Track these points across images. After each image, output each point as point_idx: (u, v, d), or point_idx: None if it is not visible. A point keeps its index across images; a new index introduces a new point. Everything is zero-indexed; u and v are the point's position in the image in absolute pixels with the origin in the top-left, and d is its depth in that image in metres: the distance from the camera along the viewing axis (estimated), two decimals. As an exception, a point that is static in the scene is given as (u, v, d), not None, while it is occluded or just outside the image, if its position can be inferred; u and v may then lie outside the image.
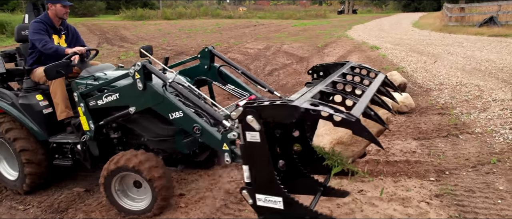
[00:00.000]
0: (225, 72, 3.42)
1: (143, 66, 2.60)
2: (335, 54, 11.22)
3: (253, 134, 1.87)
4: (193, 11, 31.12)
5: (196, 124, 2.49)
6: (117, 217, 3.01)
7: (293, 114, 1.76)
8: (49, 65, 3.06)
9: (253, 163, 1.96)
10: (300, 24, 24.22)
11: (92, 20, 28.07)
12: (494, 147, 3.94)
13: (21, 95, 3.50)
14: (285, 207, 1.93)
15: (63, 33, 3.76)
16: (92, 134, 3.08)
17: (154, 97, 2.66)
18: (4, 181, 3.70)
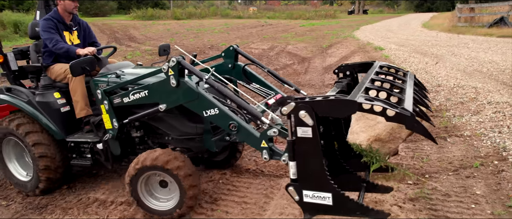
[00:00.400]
0: (249, 71, 3.38)
1: (178, 62, 2.51)
2: (338, 55, 11.15)
3: (305, 129, 1.86)
4: (202, 11, 31.31)
5: (233, 121, 2.43)
6: (95, 216, 3.06)
7: (350, 109, 1.77)
8: (75, 61, 2.98)
9: (302, 159, 1.93)
10: (308, 25, 24.13)
11: (103, 20, 28.54)
12: (480, 150, 3.86)
13: (38, 93, 3.38)
14: (334, 203, 1.92)
15: (75, 29, 3.68)
16: (115, 132, 3.02)
17: (188, 94, 2.58)
18: (15, 182, 3.55)
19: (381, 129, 2.33)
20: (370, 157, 2.36)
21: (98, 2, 32.66)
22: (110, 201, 3.26)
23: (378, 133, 2.42)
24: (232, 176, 3.63)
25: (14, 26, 19.54)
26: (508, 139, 4.02)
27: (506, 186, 3.08)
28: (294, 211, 2.89)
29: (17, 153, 3.61)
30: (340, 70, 3.06)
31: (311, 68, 9.44)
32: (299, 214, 2.83)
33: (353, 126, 2.54)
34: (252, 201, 3.12)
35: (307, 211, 2.01)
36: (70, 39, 3.61)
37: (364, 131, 2.66)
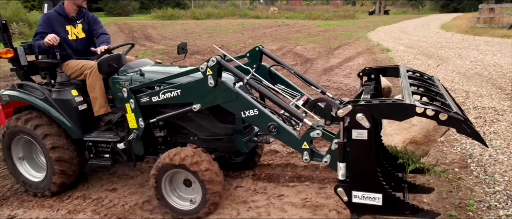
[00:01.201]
0: (274, 72, 3.34)
1: (218, 62, 2.46)
2: (342, 56, 11.00)
3: (360, 131, 1.92)
4: (221, 11, 31.59)
5: (273, 122, 2.41)
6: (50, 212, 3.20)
7: (408, 113, 1.82)
8: (103, 58, 2.91)
9: (355, 160, 2.00)
10: (324, 25, 23.87)
11: (125, 19, 29.37)
12: (447, 157, 3.74)
13: (55, 90, 3.23)
14: (384, 203, 1.97)
15: (79, 22, 3.53)
16: (141, 132, 2.95)
17: (226, 94, 2.53)
18: (25, 182, 3.44)
19: (417, 131, 2.39)
20: (406, 158, 2.47)
21: (121, 2, 33.61)
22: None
23: (414, 135, 2.49)
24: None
25: (36, 24, 20.33)
26: (478, 146, 3.87)
27: (455, 194, 2.98)
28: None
29: (27, 152, 3.51)
30: (364, 74, 3.06)
31: (311, 69, 9.37)
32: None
33: (386, 129, 2.58)
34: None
35: (355, 211, 2.08)
36: (74, 32, 3.49)
37: (399, 133, 2.71)
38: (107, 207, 3.16)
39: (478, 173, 3.30)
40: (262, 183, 3.39)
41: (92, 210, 3.12)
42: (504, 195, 2.88)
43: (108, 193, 3.40)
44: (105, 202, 3.25)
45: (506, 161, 3.46)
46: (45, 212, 3.14)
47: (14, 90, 3.31)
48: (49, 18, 3.38)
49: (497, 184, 3.06)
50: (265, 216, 2.84)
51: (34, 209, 3.22)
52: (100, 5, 35.20)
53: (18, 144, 3.43)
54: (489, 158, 3.56)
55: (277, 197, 3.11)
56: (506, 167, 3.34)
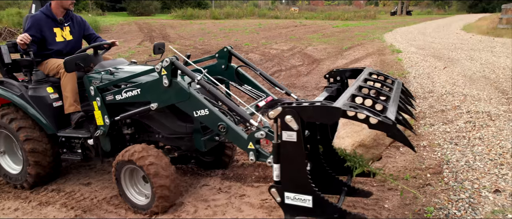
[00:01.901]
0: (242, 73, 3.39)
1: (172, 62, 2.54)
2: (351, 58, 10.82)
3: (290, 133, 1.92)
4: (240, 11, 31.73)
5: (222, 122, 2.45)
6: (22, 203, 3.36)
7: (334, 116, 1.84)
8: (69, 57, 2.98)
9: (286, 162, 2.01)
10: (342, 25, 23.52)
11: (146, 19, 29.99)
12: (424, 162, 3.63)
13: (31, 87, 3.36)
14: (314, 206, 1.99)
15: (67, 24, 3.63)
16: (107, 129, 3.06)
17: (180, 94, 2.61)
18: (6, 175, 3.61)
19: (366, 135, 2.40)
20: (354, 161, 2.47)
21: (143, 2, 34.38)
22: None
23: (362, 138, 2.49)
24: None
25: None
26: (458, 152, 3.74)
27: (420, 201, 2.90)
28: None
29: (7, 145, 3.67)
30: (330, 75, 3.11)
31: (316, 70, 9.27)
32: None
33: (340, 131, 2.61)
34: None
35: (288, 212, 2.09)
36: (61, 35, 3.61)
37: (350, 136, 2.72)
38: (77, 200, 3.28)
39: (449, 180, 3.18)
40: (229, 182, 3.41)
41: (61, 203, 3.24)
42: (466, 203, 2.78)
43: (82, 187, 3.52)
44: (76, 195, 3.37)
45: (482, 168, 3.32)
46: (18, 203, 3.29)
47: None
48: (37, 20, 3.47)
49: (464, 191, 2.95)
50: (220, 215, 2.86)
51: (10, 200, 3.38)
52: (123, 5, 36.16)
53: (3, 140, 3.59)
54: (464, 165, 3.43)
55: (239, 197, 3.12)
56: (480, 174, 3.21)
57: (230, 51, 3.39)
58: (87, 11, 30.45)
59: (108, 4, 38.20)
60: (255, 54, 12.48)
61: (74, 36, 3.71)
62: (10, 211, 3.18)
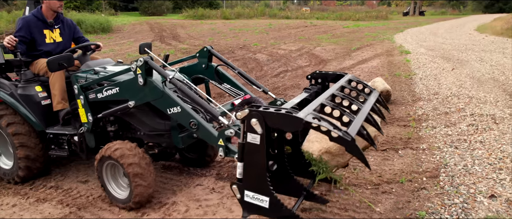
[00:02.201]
0: (221, 72, 3.50)
1: (145, 62, 2.65)
2: (359, 58, 10.72)
3: (254, 136, 1.99)
4: (251, 11, 31.74)
5: (193, 119, 2.54)
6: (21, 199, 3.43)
7: (296, 125, 1.88)
8: (52, 57, 3.08)
9: (248, 162, 2.07)
10: (353, 26, 23.31)
11: (157, 19, 30.28)
12: (421, 166, 3.57)
13: (20, 86, 3.49)
14: (270, 207, 2.06)
15: (57, 27, 3.76)
16: (90, 126, 3.17)
17: (154, 93, 2.71)
18: (0, 171, 3.72)
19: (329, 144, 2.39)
20: (318, 166, 2.51)
21: (155, 2, 34.72)
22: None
23: (329, 146, 2.54)
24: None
25: (77, 25, 21.39)
26: (458, 155, 3.66)
27: (413, 205, 2.86)
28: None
29: (1, 143, 3.76)
30: (313, 77, 3.18)
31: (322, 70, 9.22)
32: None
33: (311, 134, 2.64)
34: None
35: (245, 209, 2.16)
36: (51, 37, 3.72)
37: (318, 141, 2.74)
38: (73, 198, 3.33)
39: (445, 184, 3.13)
40: (222, 183, 3.42)
41: (58, 200, 3.30)
42: (460, 208, 2.72)
43: (79, 185, 3.58)
44: (73, 193, 3.43)
45: (479, 172, 3.25)
46: (16, 199, 3.37)
47: None
48: (28, 22, 3.59)
49: (458, 196, 2.89)
50: (210, 215, 2.87)
51: (9, 196, 3.45)
52: (136, 5, 36.60)
53: None
54: (462, 169, 3.36)
55: (231, 197, 3.13)
56: (476, 179, 3.14)
57: (210, 51, 3.49)
58: (101, 11, 30.90)
59: (121, 4, 38.71)
60: (262, 55, 12.48)
61: (64, 38, 3.81)
62: (8, 207, 3.25)
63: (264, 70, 9.70)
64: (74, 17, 22.47)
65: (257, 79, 8.64)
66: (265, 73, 9.41)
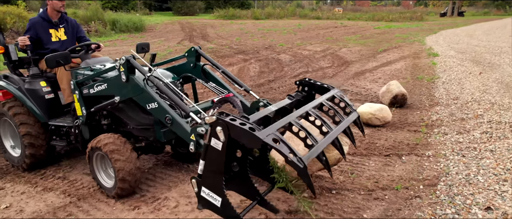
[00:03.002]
0: (208, 71, 3.64)
1: (127, 60, 2.84)
2: (383, 60, 10.42)
3: (217, 142, 2.10)
4: (281, 11, 31.67)
5: (168, 114, 2.70)
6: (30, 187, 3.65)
7: (255, 143, 2.00)
8: (50, 55, 3.30)
9: (208, 163, 2.20)
10: (384, 27, 22.65)
11: (189, 18, 30.95)
12: (422, 173, 3.44)
13: (27, 81, 3.81)
14: (221, 207, 2.20)
15: (62, 26, 4.06)
16: (84, 119, 3.39)
17: (135, 89, 2.89)
18: (10, 157, 4.05)
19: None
20: (279, 175, 2.59)
21: (188, 2, 35.50)
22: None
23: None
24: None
25: (112, 24, 22.29)
26: (463, 164, 3.49)
27: (402, 213, 2.76)
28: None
29: (12, 132, 4.09)
30: (301, 84, 3.30)
31: (343, 73, 9.06)
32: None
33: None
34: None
35: (200, 203, 2.30)
36: (56, 35, 4.04)
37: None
38: (76, 189, 3.51)
39: (441, 193, 2.99)
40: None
41: (62, 190, 3.49)
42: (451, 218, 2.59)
43: (84, 177, 3.76)
44: (77, 184, 3.61)
45: (481, 183, 3.08)
46: (26, 187, 3.60)
47: (0, 80, 3.97)
48: (35, 23, 3.92)
49: (451, 206, 2.76)
50: (198, 212, 2.92)
51: (20, 184, 3.69)
52: (169, 5, 37.62)
53: (4, 125, 4.06)
54: (463, 178, 3.20)
55: (222, 196, 3.17)
56: (477, 189, 2.98)
57: (198, 51, 3.62)
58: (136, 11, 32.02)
59: (155, 4, 39.91)
60: (286, 55, 12.44)
61: (68, 37, 4.10)
62: (17, 194, 3.48)
63: (284, 71, 9.67)
64: (109, 16, 23.47)
65: (277, 79, 8.63)
66: (285, 73, 9.37)
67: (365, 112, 4.88)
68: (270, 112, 2.79)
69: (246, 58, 11.96)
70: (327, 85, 3.26)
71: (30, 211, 3.14)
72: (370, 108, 4.89)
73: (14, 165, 4.04)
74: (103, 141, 3.08)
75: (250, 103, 3.27)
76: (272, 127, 2.17)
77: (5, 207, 3.25)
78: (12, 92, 3.81)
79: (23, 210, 3.18)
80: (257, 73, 9.33)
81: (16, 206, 3.25)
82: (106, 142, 3.07)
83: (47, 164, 4.07)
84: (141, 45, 3.97)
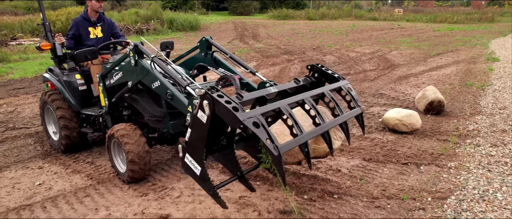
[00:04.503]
0: (218, 58, 3.85)
1: (135, 45, 3.14)
2: (433, 65, 9.78)
3: (202, 114, 2.19)
4: (336, 12, 30.96)
5: (169, 90, 2.92)
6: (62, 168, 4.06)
7: (235, 123, 2.07)
8: (80, 50, 3.73)
9: (193, 133, 2.32)
10: (446, 29, 21.13)
11: (244, 18, 31.54)
12: (437, 185, 3.23)
13: (65, 73, 4.29)
14: (200, 176, 2.35)
15: (99, 25, 4.51)
16: (107, 109, 3.73)
17: (142, 71, 3.14)
18: (51, 142, 4.54)
19: (286, 140, 2.53)
20: (266, 156, 2.67)
21: (243, 2, 36.16)
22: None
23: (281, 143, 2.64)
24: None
25: (169, 23, 23.44)
26: (485, 179, 3.21)
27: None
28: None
29: (54, 119, 4.52)
30: (311, 69, 3.28)
31: (386, 76, 8.67)
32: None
33: (276, 124, 2.78)
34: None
35: (183, 168, 2.47)
36: (94, 33, 4.51)
37: (277, 134, 2.85)
38: (99, 173, 3.84)
39: (449, 207, 2.79)
40: (224, 176, 3.57)
41: (87, 174, 3.83)
42: (447, 234, 2.42)
43: (108, 163, 4.07)
44: (101, 169, 3.94)
45: (498, 201, 2.82)
46: (59, 168, 4.01)
47: (46, 73, 4.49)
48: (77, 22, 4.41)
49: (454, 222, 2.56)
50: (197, 204, 3.06)
51: (55, 165, 4.12)
52: (225, 5, 38.63)
53: (48, 113, 4.54)
54: (478, 194, 2.94)
55: (224, 190, 3.26)
56: (491, 207, 2.74)
57: (208, 41, 3.83)
58: (193, 10, 33.36)
59: (213, 4, 41.23)
60: (331, 56, 12.19)
61: (104, 34, 4.55)
62: (50, 173, 3.89)
63: (325, 72, 9.52)
64: (167, 16, 24.70)
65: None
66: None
67: (392, 117, 4.66)
68: (269, 93, 2.79)
69: (291, 59, 11.94)
70: (337, 76, 3.17)
71: (57, 189, 3.51)
72: (397, 113, 4.66)
73: (55, 148, 4.51)
74: (116, 128, 3.37)
75: (258, 84, 3.36)
76: (256, 110, 2.19)
77: (39, 183, 3.65)
78: (53, 84, 4.28)
79: (51, 187, 3.56)
80: (297, 73, 9.27)
81: (47, 184, 3.64)
82: (118, 128, 3.36)
83: (81, 149, 4.49)
84: (165, 43, 4.23)
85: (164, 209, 2.99)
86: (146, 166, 3.41)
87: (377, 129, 4.86)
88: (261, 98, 2.75)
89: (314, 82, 3.27)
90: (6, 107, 6.68)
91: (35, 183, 3.67)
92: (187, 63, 4.06)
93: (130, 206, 3.08)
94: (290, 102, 2.44)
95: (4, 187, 3.61)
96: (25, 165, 4.15)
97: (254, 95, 2.65)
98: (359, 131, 4.74)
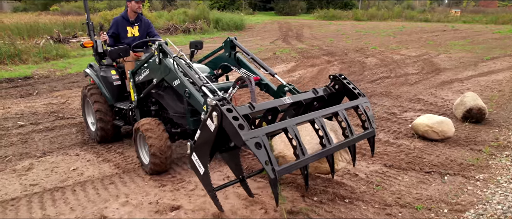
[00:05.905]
0: (240, 59, 4.00)
1: (160, 45, 3.33)
2: (483, 70, 9.13)
3: (211, 123, 2.30)
4: (385, 12, 29.80)
5: (187, 88, 3.10)
6: (93, 156, 4.38)
7: (238, 141, 2.16)
8: (113, 48, 3.97)
9: (201, 136, 2.43)
10: (507, 31, 19.49)
11: (289, 18, 31.46)
12: (459, 197, 3.05)
13: (102, 69, 4.63)
14: (203, 176, 2.50)
15: (137, 24, 4.78)
16: (136, 103, 4.01)
17: (165, 69, 3.34)
18: (89, 132, 4.89)
19: (291, 151, 2.63)
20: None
21: (290, 2, 36.04)
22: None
23: (287, 154, 2.76)
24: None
25: (215, 23, 24.02)
26: (512, 193, 2.96)
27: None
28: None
29: (92, 111, 4.71)
30: (333, 79, 3.27)
31: (428, 80, 8.24)
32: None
33: (282, 135, 2.87)
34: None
35: (189, 164, 2.64)
36: (132, 32, 4.79)
37: (284, 143, 2.96)
38: (126, 163, 4.09)
39: (465, 221, 2.62)
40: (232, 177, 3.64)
41: (115, 163, 4.10)
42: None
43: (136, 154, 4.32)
44: (129, 159, 4.19)
45: (521, 218, 2.59)
46: (92, 156, 4.33)
47: (87, 68, 4.86)
48: (116, 21, 4.72)
49: (465, 236, 2.41)
50: (208, 198, 3.13)
51: (90, 153, 4.45)
52: (272, 5, 38.75)
53: (88, 105, 4.86)
54: (503, 209, 2.73)
55: (236, 187, 3.33)
56: (511, 224, 2.53)
57: (232, 41, 3.95)
58: (240, 10, 33.83)
59: (259, 4, 41.54)
60: (374, 59, 11.81)
61: (141, 33, 4.79)
62: (84, 160, 4.22)
63: (363, 75, 9.25)
64: (214, 15, 25.26)
65: (353, 83, 8.33)
66: (363, 77, 8.96)
67: (422, 123, 4.45)
68: (282, 104, 2.82)
69: (331, 60, 11.74)
70: (358, 92, 3.10)
71: (87, 175, 3.80)
72: (428, 120, 4.44)
73: (92, 138, 4.87)
74: (141, 123, 3.58)
75: (277, 86, 3.53)
76: (261, 130, 2.23)
77: (73, 169, 3.98)
78: (92, 78, 4.63)
79: (83, 173, 3.86)
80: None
81: (80, 170, 3.95)
82: (143, 123, 3.56)
83: (114, 140, 4.80)
84: (195, 42, 4.39)
85: (177, 200, 3.13)
86: (167, 160, 3.57)
87: (406, 135, 4.66)
88: (273, 109, 2.79)
89: (333, 93, 3.23)
90: (60, 99, 7.32)
91: (70, 168, 3.99)
92: (214, 62, 4.22)
93: (147, 195, 3.26)
94: (299, 122, 2.49)
95: (45, 170, 3.97)
96: (66, 151, 4.53)
97: (267, 106, 2.71)
98: (384, 136, 4.58)
